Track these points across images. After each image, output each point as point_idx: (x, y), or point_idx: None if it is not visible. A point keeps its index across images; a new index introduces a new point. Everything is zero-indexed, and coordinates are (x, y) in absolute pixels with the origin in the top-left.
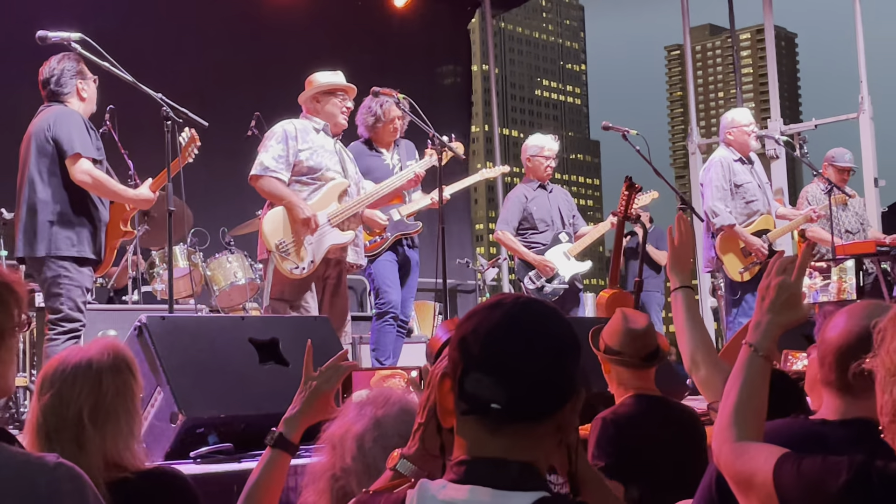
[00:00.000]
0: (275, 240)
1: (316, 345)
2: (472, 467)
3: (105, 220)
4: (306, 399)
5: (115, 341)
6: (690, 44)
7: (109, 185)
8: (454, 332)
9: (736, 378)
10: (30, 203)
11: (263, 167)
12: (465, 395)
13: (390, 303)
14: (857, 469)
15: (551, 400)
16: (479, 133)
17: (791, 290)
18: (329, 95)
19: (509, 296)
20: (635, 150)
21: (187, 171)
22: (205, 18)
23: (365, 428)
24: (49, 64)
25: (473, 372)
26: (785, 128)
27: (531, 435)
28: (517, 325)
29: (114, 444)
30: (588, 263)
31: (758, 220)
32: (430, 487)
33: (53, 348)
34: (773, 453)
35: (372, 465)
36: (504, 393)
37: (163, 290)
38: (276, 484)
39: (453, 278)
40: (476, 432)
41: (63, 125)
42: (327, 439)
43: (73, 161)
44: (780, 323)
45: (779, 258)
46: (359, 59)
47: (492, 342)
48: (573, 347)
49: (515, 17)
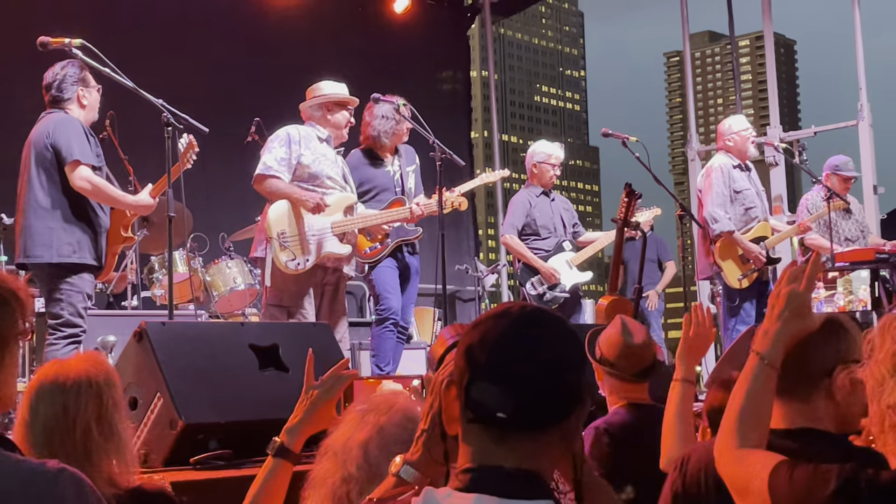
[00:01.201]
0: (277, 228)
1: (317, 352)
2: (477, 475)
3: (106, 226)
4: (308, 408)
5: (98, 355)
6: (690, 50)
7: (109, 191)
8: (460, 340)
9: (741, 385)
10: (30, 209)
11: (266, 167)
12: (472, 404)
13: (390, 309)
14: (845, 478)
15: (557, 409)
16: (478, 139)
17: (800, 299)
18: (339, 107)
19: (515, 304)
20: (635, 157)
21: (187, 177)
22: (205, 24)
23: (369, 436)
24: (53, 69)
25: (480, 380)
26: (784, 135)
27: (537, 443)
28: (524, 335)
29: (116, 456)
30: (589, 274)
31: (756, 227)
32: (436, 495)
33: (53, 353)
34: (770, 460)
35: (376, 474)
36: (510, 402)
37: (162, 296)
38: (278, 493)
39: (453, 284)
40: (482, 440)
41: (62, 132)
42: (329, 447)
43: (72, 168)
44: (788, 332)
45: (791, 267)
46: (359, 64)
47: (498, 351)
48: (579, 357)
49: (515, 24)
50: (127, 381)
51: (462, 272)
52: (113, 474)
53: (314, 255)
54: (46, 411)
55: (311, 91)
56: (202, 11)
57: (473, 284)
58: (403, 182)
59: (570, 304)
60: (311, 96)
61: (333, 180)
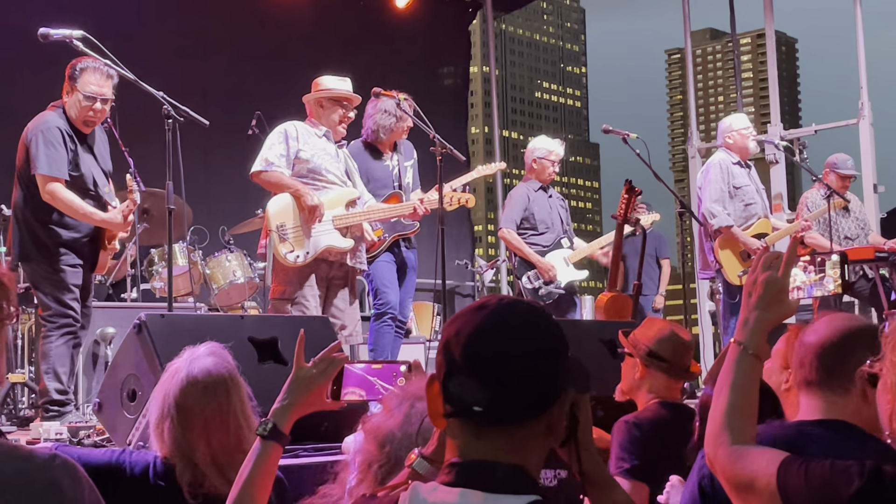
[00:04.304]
0: (278, 221)
1: (315, 345)
2: (462, 470)
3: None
4: (297, 390)
5: (220, 347)
6: (691, 47)
7: (75, 206)
8: (442, 333)
9: (726, 379)
10: (19, 206)
11: (267, 162)
12: (450, 398)
13: (388, 303)
14: (869, 475)
15: (535, 402)
16: (478, 134)
17: (778, 285)
18: (335, 104)
19: (494, 298)
20: (635, 154)
21: (188, 170)
22: (207, 17)
23: (398, 423)
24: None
25: (457, 375)
26: (785, 133)
27: (517, 437)
28: (499, 328)
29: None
30: (585, 272)
31: (756, 224)
32: (422, 490)
33: (49, 344)
34: (774, 457)
35: (399, 463)
36: (486, 396)
37: (162, 288)
38: (269, 474)
39: (452, 279)
40: (464, 435)
41: (35, 141)
42: (371, 431)
43: (39, 181)
44: (768, 319)
45: (764, 253)
46: (360, 59)
47: (473, 345)
48: (558, 349)
49: (516, 19)
50: (126, 373)
51: (461, 267)
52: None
53: (314, 249)
54: (205, 407)
55: (314, 84)
56: (204, 4)
57: (473, 280)
58: (401, 177)
59: (565, 301)
60: (314, 90)
61: (334, 175)
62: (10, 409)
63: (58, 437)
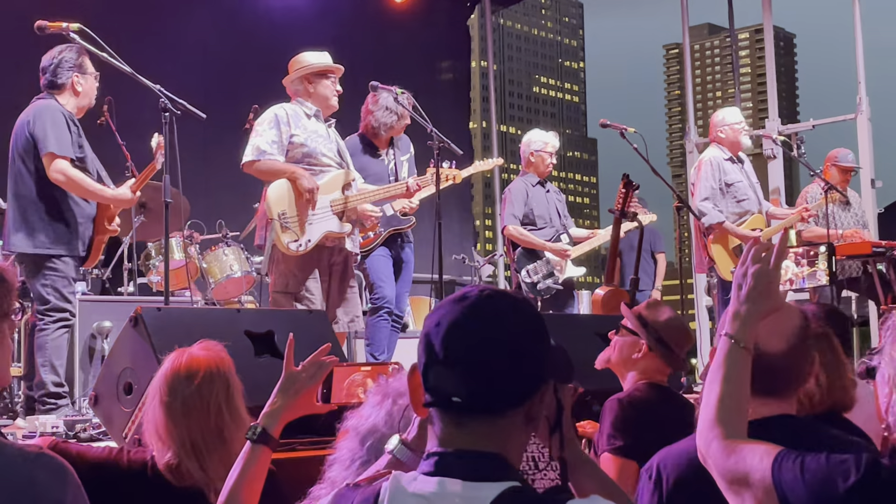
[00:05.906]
0: (278, 209)
1: (311, 340)
2: (441, 459)
3: (90, 215)
4: (288, 393)
5: (217, 345)
6: (689, 43)
7: (85, 184)
8: (423, 324)
9: (717, 372)
10: (16, 197)
11: (260, 151)
12: (430, 388)
13: (385, 297)
14: (866, 468)
15: (513, 393)
16: (476, 129)
17: (769, 277)
18: (321, 77)
19: (475, 289)
20: (633, 148)
21: (185, 164)
22: (204, 11)
23: (380, 419)
24: (51, 53)
25: (436, 365)
26: (782, 128)
27: (497, 426)
28: (477, 319)
29: (243, 436)
30: (582, 269)
31: (749, 220)
32: (402, 479)
33: (44, 338)
34: (768, 451)
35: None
36: (464, 387)
37: (158, 282)
38: (259, 478)
39: (450, 273)
40: (444, 424)
41: (41, 122)
42: (353, 427)
43: (48, 160)
44: (758, 311)
45: (754, 245)
46: (358, 53)
47: (452, 336)
48: (537, 340)
49: (514, 14)
50: (122, 366)
51: (459, 261)
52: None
53: (316, 235)
54: (185, 391)
55: (292, 64)
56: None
57: (470, 274)
58: (398, 171)
59: (563, 296)
60: (293, 70)
61: (329, 157)
62: (6, 402)
63: (54, 430)
